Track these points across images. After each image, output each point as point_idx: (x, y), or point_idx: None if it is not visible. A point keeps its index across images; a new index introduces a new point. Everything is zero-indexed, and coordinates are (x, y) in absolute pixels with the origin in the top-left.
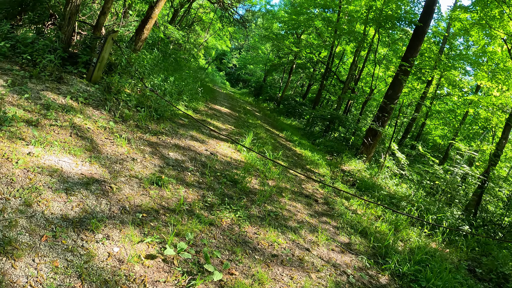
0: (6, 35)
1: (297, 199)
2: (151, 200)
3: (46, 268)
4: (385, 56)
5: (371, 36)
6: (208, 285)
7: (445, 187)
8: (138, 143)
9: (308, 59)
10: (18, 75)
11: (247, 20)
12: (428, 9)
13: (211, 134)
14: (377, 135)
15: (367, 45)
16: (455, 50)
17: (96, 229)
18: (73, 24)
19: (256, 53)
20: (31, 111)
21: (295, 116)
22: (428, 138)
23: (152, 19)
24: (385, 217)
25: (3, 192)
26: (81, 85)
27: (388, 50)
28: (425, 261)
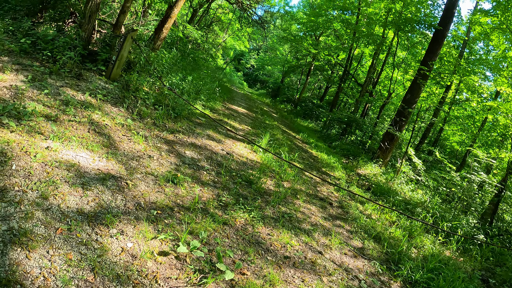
0: (27, 32)
1: (312, 201)
2: (166, 198)
3: (60, 260)
4: (404, 59)
5: (390, 39)
6: (219, 284)
7: (462, 194)
8: (155, 141)
9: (326, 61)
10: (38, 71)
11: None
12: (448, 13)
13: (227, 134)
14: (394, 140)
15: (386, 48)
16: (475, 54)
17: (110, 224)
18: (93, 22)
19: (274, 54)
20: (51, 106)
21: (312, 118)
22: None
23: (171, 19)
24: (400, 223)
25: (21, 185)
26: (100, 82)
27: (407, 54)
28: (438, 269)
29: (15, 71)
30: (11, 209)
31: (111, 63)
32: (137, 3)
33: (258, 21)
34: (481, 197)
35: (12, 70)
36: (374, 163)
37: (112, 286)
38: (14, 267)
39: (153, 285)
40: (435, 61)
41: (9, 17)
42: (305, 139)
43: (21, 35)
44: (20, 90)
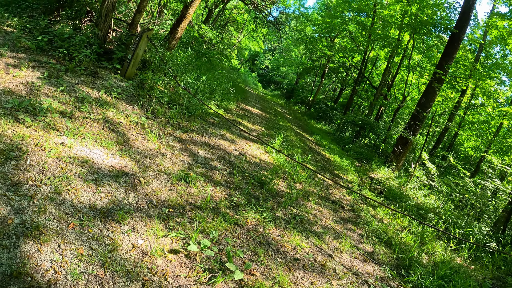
0: (44, 30)
1: (323, 204)
2: (178, 196)
3: (71, 254)
4: (419, 62)
5: (405, 42)
6: (228, 283)
7: (475, 201)
8: (169, 139)
9: (341, 63)
10: (54, 68)
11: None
12: (464, 16)
13: (241, 134)
14: (408, 144)
15: (401, 50)
16: (491, 58)
17: (122, 221)
18: (109, 21)
19: (289, 55)
20: (66, 103)
21: (325, 120)
22: (460, 150)
23: (187, 19)
24: (411, 228)
25: (35, 179)
26: (115, 80)
27: (422, 57)
28: (449, 276)
29: (31, 68)
30: (24, 202)
31: (127, 62)
32: (153, 2)
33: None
34: (495, 205)
35: (28, 67)
36: (387, 167)
37: (121, 282)
38: (26, 259)
39: (163, 283)
40: (451, 65)
41: (26, 15)
42: (318, 141)
43: (38, 32)
44: (36, 87)
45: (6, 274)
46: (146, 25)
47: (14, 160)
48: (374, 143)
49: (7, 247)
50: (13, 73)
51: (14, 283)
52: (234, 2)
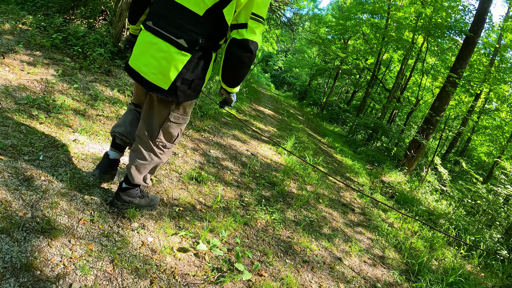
0: (59, 28)
1: (334, 206)
2: (189, 195)
3: (80, 250)
4: (433, 66)
5: (419, 45)
6: (236, 283)
7: (487, 207)
8: (180, 138)
9: (354, 65)
10: (68, 66)
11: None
12: (479, 19)
13: (253, 134)
14: (421, 148)
15: (415, 53)
16: (506, 62)
17: (132, 218)
18: (124, 20)
19: (302, 56)
20: (79, 100)
21: (338, 123)
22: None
23: None
24: (422, 234)
25: (47, 175)
26: (128, 78)
27: (436, 60)
28: (458, 283)
29: (46, 65)
30: (36, 197)
31: None
32: None
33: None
34: (507, 211)
35: (43, 64)
36: (399, 171)
37: (130, 278)
38: (36, 253)
39: (171, 280)
40: (465, 69)
41: (41, 13)
42: (330, 143)
43: (52, 30)
44: (50, 84)
45: (15, 268)
46: None
47: (27, 156)
48: (386, 146)
49: (18, 241)
50: (27, 70)
51: (23, 276)
52: None
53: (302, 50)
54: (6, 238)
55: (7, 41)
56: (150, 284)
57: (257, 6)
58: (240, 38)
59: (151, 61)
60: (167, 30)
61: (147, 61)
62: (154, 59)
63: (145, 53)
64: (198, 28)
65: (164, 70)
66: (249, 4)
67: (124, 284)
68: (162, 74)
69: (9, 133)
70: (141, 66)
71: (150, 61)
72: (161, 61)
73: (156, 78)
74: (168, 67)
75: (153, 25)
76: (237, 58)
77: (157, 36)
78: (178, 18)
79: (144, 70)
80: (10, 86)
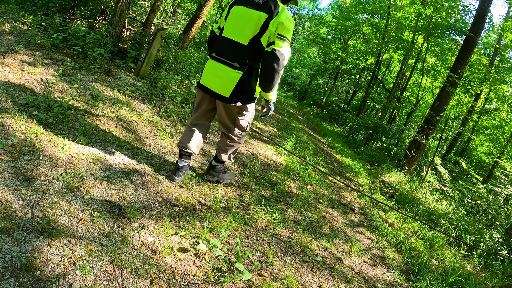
0: (59, 28)
1: (334, 206)
2: (189, 195)
3: (81, 250)
4: (433, 66)
5: (419, 45)
6: (236, 283)
7: (487, 207)
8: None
9: (354, 65)
10: (68, 66)
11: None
12: (479, 19)
13: (253, 135)
14: (421, 148)
15: (415, 53)
16: (506, 63)
17: (132, 218)
18: (124, 20)
19: (302, 56)
20: (79, 100)
21: (338, 123)
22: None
23: (201, 19)
24: (422, 234)
25: (47, 175)
26: (128, 79)
27: (436, 60)
28: (458, 283)
29: (46, 65)
30: (36, 197)
31: (140, 61)
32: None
33: None
34: (507, 211)
35: (43, 64)
36: (399, 171)
37: (130, 278)
38: (36, 253)
39: (171, 280)
40: (465, 69)
41: (41, 13)
42: (330, 143)
43: (53, 30)
44: (50, 84)
45: (16, 267)
46: (160, 24)
47: (27, 156)
48: (387, 146)
49: (18, 241)
50: (28, 70)
51: (23, 276)
52: None
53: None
54: (6, 238)
55: (7, 41)
56: (150, 284)
57: (281, 30)
58: (269, 50)
59: (215, 78)
60: (225, 57)
61: (213, 79)
62: (217, 77)
63: (211, 74)
64: (245, 54)
65: (225, 84)
66: (277, 30)
67: (124, 284)
68: (225, 87)
69: (9, 133)
70: (209, 82)
71: (215, 79)
72: (223, 78)
73: (220, 89)
74: (228, 82)
75: (216, 55)
76: (269, 65)
77: (218, 62)
78: (231, 48)
79: (211, 85)
80: (10, 86)
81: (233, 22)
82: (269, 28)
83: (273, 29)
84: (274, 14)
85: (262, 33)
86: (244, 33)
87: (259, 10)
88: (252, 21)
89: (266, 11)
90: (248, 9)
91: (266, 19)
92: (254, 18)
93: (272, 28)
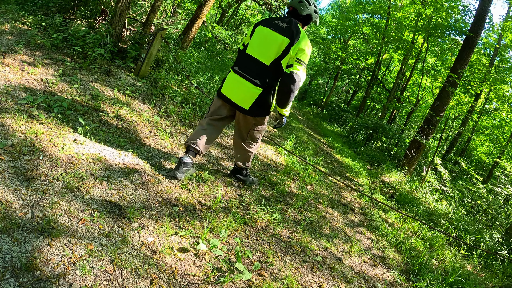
0: (59, 28)
1: (334, 206)
2: (189, 195)
3: (81, 249)
4: (433, 66)
5: (419, 45)
6: (236, 283)
7: (487, 207)
8: (181, 139)
9: (355, 65)
10: (69, 66)
11: None
12: (479, 19)
13: None
14: (421, 148)
15: (415, 53)
16: (506, 63)
17: (132, 218)
18: (124, 20)
19: None
20: (80, 100)
21: (338, 123)
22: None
23: (201, 19)
24: (422, 234)
25: (47, 175)
26: (128, 78)
27: (436, 60)
28: (458, 283)
29: (46, 65)
30: (36, 197)
31: (140, 61)
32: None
33: None
34: (507, 211)
35: (43, 64)
36: (399, 171)
37: (130, 278)
38: (36, 253)
39: (171, 280)
40: (465, 69)
41: (41, 13)
42: (330, 143)
43: (53, 30)
44: (50, 84)
45: (16, 267)
46: (160, 24)
47: (27, 156)
48: (387, 146)
49: (18, 241)
50: (28, 70)
51: (23, 276)
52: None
53: None
54: (6, 238)
55: (7, 41)
56: (150, 284)
57: (300, 55)
58: (288, 72)
59: (237, 91)
60: (247, 73)
61: (234, 91)
62: (239, 90)
63: (233, 86)
64: (266, 73)
65: (246, 98)
66: (296, 55)
67: (124, 284)
68: (244, 100)
69: (9, 133)
70: (230, 94)
71: (236, 91)
72: (244, 92)
73: (240, 101)
74: (248, 96)
75: (238, 69)
76: (286, 85)
77: (241, 76)
78: (253, 66)
79: (232, 96)
80: (10, 86)
81: (257, 41)
82: (290, 52)
83: (293, 54)
84: (296, 40)
85: (283, 56)
86: (267, 54)
87: (282, 34)
88: (276, 44)
89: (288, 37)
90: (272, 32)
91: (288, 44)
92: (277, 42)
93: (292, 53)
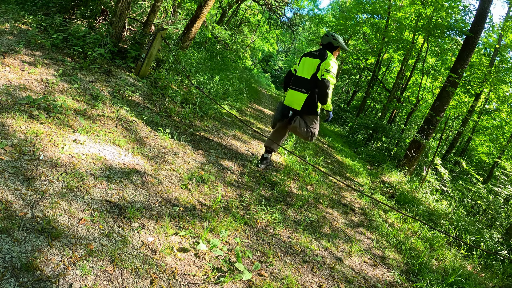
0: (59, 28)
1: (334, 206)
2: (189, 195)
3: (81, 249)
4: (433, 66)
5: (419, 45)
6: (236, 283)
7: (487, 207)
8: (181, 139)
9: (355, 65)
10: (69, 66)
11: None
12: (479, 19)
13: (253, 135)
14: (421, 148)
15: (415, 53)
16: (506, 63)
17: (133, 218)
18: (124, 20)
19: None
20: (80, 100)
21: (338, 123)
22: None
23: (201, 19)
24: (422, 234)
25: (47, 175)
26: (129, 78)
27: (436, 60)
28: (458, 283)
29: (46, 65)
30: (36, 197)
31: (140, 61)
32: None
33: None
34: (507, 212)
35: (43, 64)
36: (399, 171)
37: (130, 278)
38: (36, 253)
39: (171, 280)
40: (465, 69)
41: (41, 13)
42: (330, 143)
43: (53, 30)
44: (50, 84)
45: (16, 267)
46: (160, 24)
47: (27, 156)
48: (387, 146)
49: (18, 241)
50: (28, 70)
51: (23, 276)
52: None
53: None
54: (6, 238)
55: (7, 41)
56: (150, 284)
57: (328, 67)
58: (321, 79)
59: (292, 99)
60: (297, 87)
61: (291, 100)
62: (294, 98)
63: (291, 97)
64: (308, 83)
65: (298, 102)
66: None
67: (124, 284)
68: (297, 104)
69: (9, 133)
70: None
71: (292, 99)
72: (297, 99)
73: (295, 105)
74: (299, 100)
75: (292, 86)
76: (322, 88)
77: (294, 90)
78: (301, 82)
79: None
80: (10, 86)
81: (302, 66)
82: (321, 67)
83: (323, 68)
84: (324, 59)
85: (317, 71)
86: (308, 72)
87: (316, 58)
88: (313, 65)
89: (319, 58)
90: (310, 59)
91: (319, 63)
92: (313, 63)
93: (322, 67)
